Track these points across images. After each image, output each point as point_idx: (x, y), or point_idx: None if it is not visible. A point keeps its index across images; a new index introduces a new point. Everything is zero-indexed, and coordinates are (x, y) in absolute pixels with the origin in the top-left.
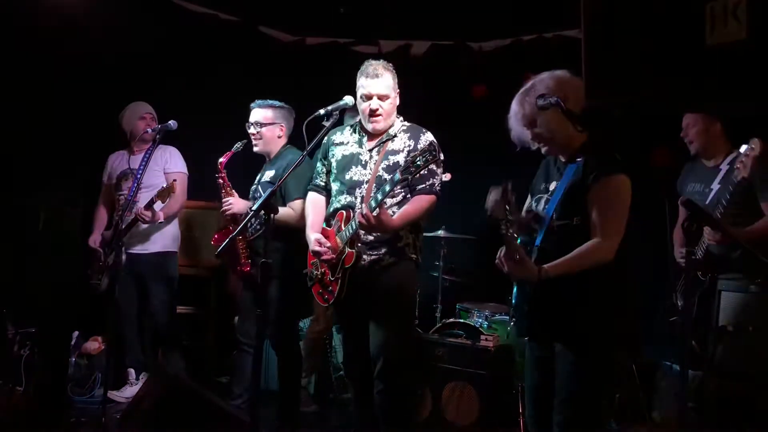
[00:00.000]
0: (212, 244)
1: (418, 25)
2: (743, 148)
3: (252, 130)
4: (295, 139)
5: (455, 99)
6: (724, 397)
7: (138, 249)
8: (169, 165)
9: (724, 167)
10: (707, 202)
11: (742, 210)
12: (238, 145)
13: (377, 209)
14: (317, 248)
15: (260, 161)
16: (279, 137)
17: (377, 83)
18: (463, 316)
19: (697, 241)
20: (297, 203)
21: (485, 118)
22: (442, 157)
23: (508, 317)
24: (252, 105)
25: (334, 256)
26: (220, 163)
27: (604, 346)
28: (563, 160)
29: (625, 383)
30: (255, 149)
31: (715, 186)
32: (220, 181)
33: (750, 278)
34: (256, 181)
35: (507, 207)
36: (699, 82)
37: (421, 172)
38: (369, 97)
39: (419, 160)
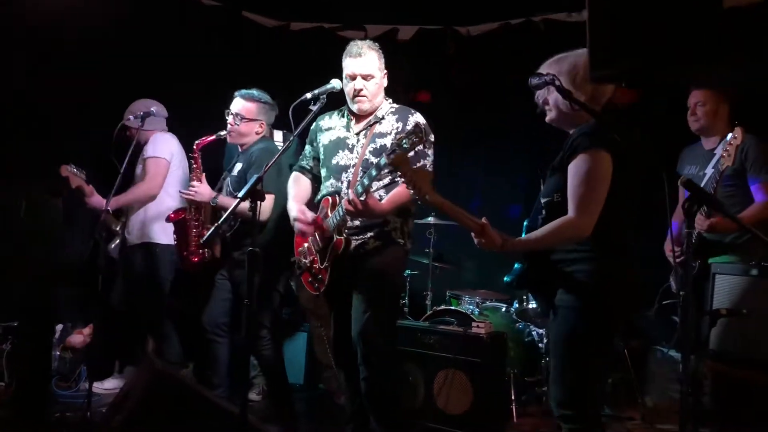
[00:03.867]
0: (166, 221)
1: (405, 10)
2: (728, 137)
3: (230, 119)
4: (276, 123)
5: (443, 83)
6: (718, 381)
7: (130, 239)
8: (144, 150)
9: (719, 152)
10: (702, 185)
11: (735, 192)
12: (221, 134)
13: (364, 194)
14: (299, 216)
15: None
16: (257, 133)
17: (361, 62)
18: (454, 303)
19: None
20: (267, 197)
21: (474, 102)
22: (432, 138)
23: (499, 303)
24: (236, 93)
25: (312, 226)
26: (197, 144)
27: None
28: None
29: (618, 368)
30: (228, 139)
31: (709, 170)
32: (192, 163)
33: (744, 261)
34: (226, 172)
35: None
36: (716, 44)
37: (410, 155)
38: (353, 77)
39: (405, 143)
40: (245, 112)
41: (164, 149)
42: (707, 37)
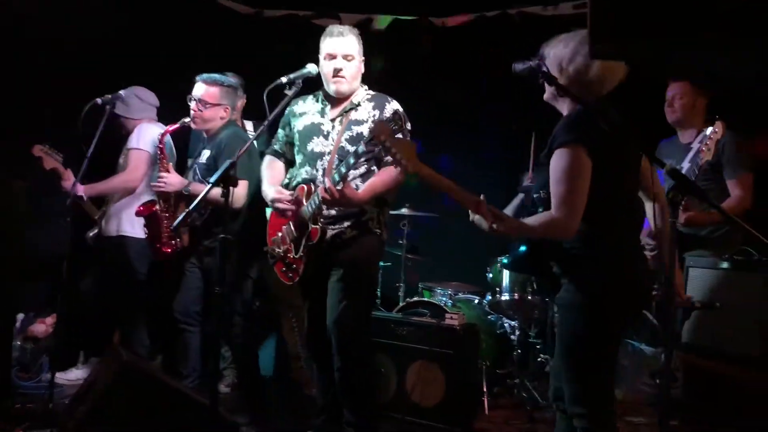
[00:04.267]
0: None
1: None
2: (708, 131)
3: (193, 105)
4: (251, 114)
5: (418, 74)
6: (691, 373)
7: (105, 229)
8: (129, 140)
9: (696, 145)
10: None
11: (711, 186)
12: (185, 121)
13: (341, 183)
14: (278, 195)
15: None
16: (221, 118)
17: (342, 42)
18: (427, 295)
19: (679, 211)
20: (240, 183)
21: (449, 93)
22: (409, 126)
23: (472, 295)
24: (198, 78)
25: (293, 207)
26: (161, 134)
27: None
28: None
29: None
30: (193, 126)
31: (686, 164)
32: (159, 153)
33: (717, 255)
34: (192, 160)
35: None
36: (713, 28)
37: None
38: (333, 57)
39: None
40: (208, 97)
41: (147, 141)
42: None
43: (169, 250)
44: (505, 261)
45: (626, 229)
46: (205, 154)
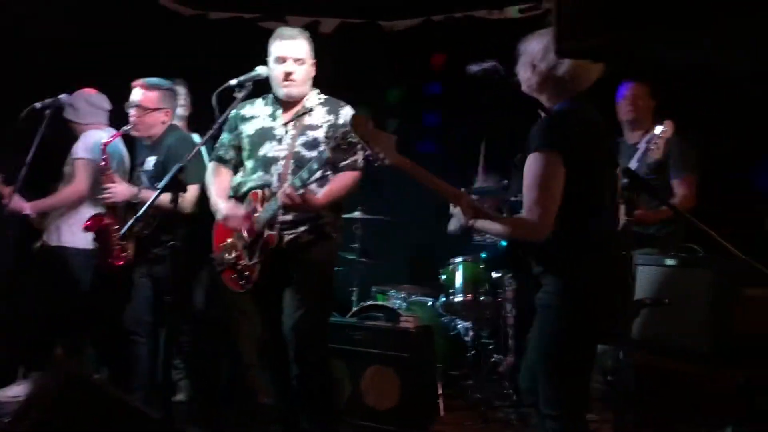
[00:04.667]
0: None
1: (327, 2)
2: (657, 130)
3: (132, 111)
4: (197, 117)
5: (366, 77)
6: (641, 369)
7: (48, 240)
8: (74, 148)
9: (642, 145)
10: None
11: (659, 184)
12: (125, 129)
13: (302, 188)
14: (232, 212)
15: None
16: (163, 122)
17: (292, 45)
18: (380, 299)
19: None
20: (190, 188)
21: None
22: None
23: (425, 297)
24: (134, 83)
25: (244, 225)
26: (103, 144)
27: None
28: None
29: None
30: (133, 133)
31: (634, 164)
32: (102, 163)
33: (664, 253)
34: (137, 168)
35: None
36: (680, 23)
37: (344, 148)
38: (283, 60)
39: (351, 137)
40: (147, 101)
41: (93, 149)
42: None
43: (121, 263)
44: (484, 255)
45: (605, 230)
46: (151, 161)
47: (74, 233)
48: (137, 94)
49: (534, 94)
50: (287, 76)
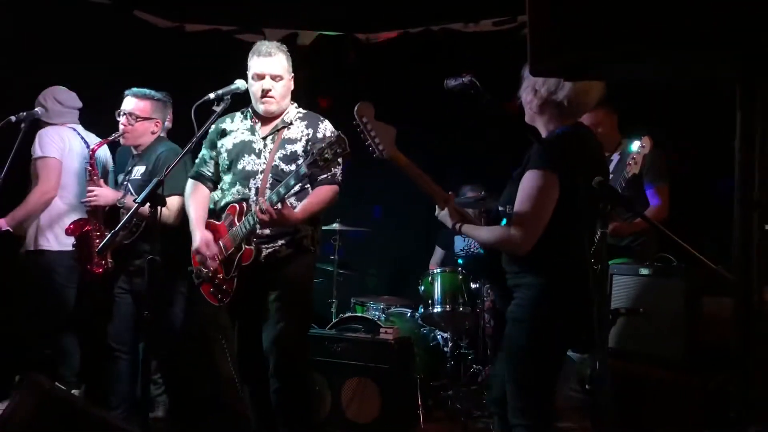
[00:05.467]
0: (66, 233)
1: (305, 15)
2: (635, 146)
3: (123, 120)
4: (175, 130)
5: (344, 91)
6: (618, 378)
7: (26, 245)
8: (33, 148)
9: (615, 157)
10: None
11: (634, 197)
12: (115, 135)
13: (279, 203)
14: (204, 251)
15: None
16: (152, 132)
17: (270, 62)
18: (359, 310)
19: (608, 222)
20: (173, 200)
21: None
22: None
23: (404, 309)
24: (127, 92)
25: (217, 263)
26: (92, 149)
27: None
28: None
29: None
30: (122, 141)
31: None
32: (88, 168)
33: (639, 262)
34: (123, 177)
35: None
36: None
37: (321, 163)
38: (261, 77)
39: (327, 154)
40: (138, 110)
41: (51, 147)
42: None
43: (100, 270)
44: (461, 261)
45: (583, 250)
46: (139, 170)
47: (57, 236)
48: (129, 103)
49: (536, 116)
50: (265, 93)
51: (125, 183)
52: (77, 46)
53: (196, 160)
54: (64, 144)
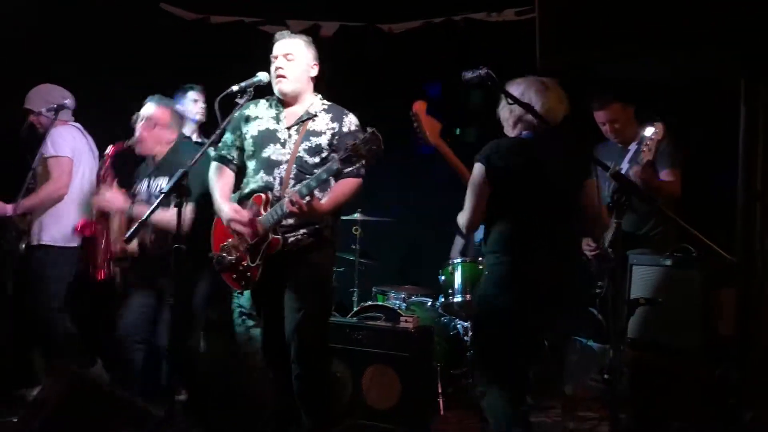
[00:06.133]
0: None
1: (328, 6)
2: (648, 132)
3: (141, 125)
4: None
5: (366, 81)
6: (637, 368)
7: (31, 239)
8: (43, 147)
9: (633, 147)
10: None
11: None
12: (130, 141)
13: (308, 196)
14: (236, 216)
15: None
16: (167, 142)
17: (283, 43)
18: (381, 299)
19: (625, 213)
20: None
21: (396, 100)
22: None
23: (425, 298)
24: (149, 98)
25: (250, 230)
26: (109, 151)
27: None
28: None
29: (538, 359)
30: (137, 149)
31: (625, 165)
32: (103, 172)
33: (659, 253)
34: (144, 186)
35: None
36: (662, 39)
37: (344, 156)
38: (276, 58)
39: (362, 150)
40: (159, 118)
41: (64, 146)
42: (654, 33)
43: (102, 276)
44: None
45: (531, 237)
46: (162, 182)
47: (57, 231)
48: (149, 108)
49: (510, 130)
50: (277, 71)
51: (148, 191)
52: (103, 39)
53: (219, 144)
54: (75, 143)
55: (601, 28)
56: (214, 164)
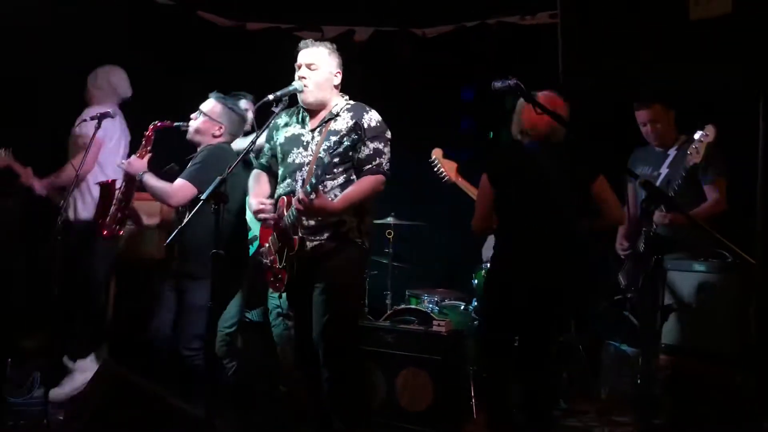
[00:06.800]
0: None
1: (361, 11)
2: (698, 135)
3: (194, 115)
4: None
5: (399, 85)
6: (670, 372)
7: (68, 215)
8: (78, 125)
9: (672, 152)
10: (657, 185)
11: (686, 191)
12: (180, 124)
13: (313, 193)
14: (260, 206)
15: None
16: (214, 136)
17: (306, 52)
18: (414, 302)
19: (651, 219)
20: (186, 187)
21: (429, 103)
22: (389, 135)
23: (458, 302)
24: (211, 93)
25: (275, 216)
26: (154, 124)
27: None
28: None
29: (572, 363)
30: (187, 135)
31: (664, 170)
32: (143, 140)
33: (694, 258)
34: None
35: None
36: (682, 57)
37: (366, 153)
38: (299, 67)
39: (346, 141)
40: (209, 110)
41: (104, 131)
42: (676, 46)
43: (107, 233)
44: None
45: (520, 241)
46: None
47: (87, 209)
48: (207, 103)
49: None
50: (300, 80)
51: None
52: (142, 46)
53: (260, 153)
54: (109, 131)
55: (623, 43)
56: (254, 172)
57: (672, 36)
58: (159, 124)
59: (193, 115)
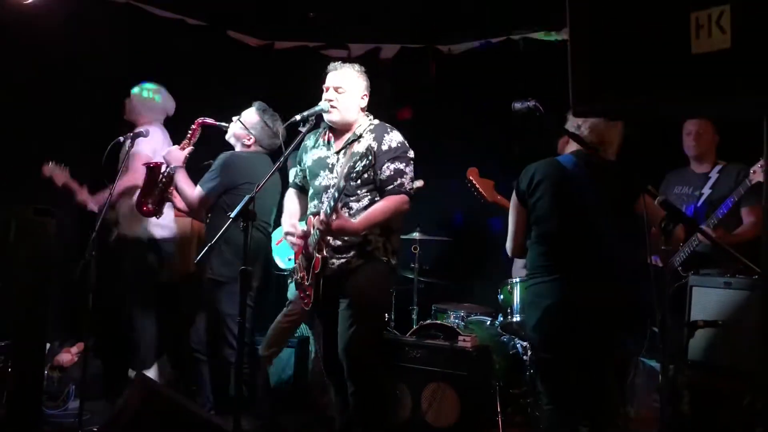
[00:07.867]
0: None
1: (388, 29)
2: (761, 162)
3: (234, 118)
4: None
5: (425, 102)
6: (696, 389)
7: (122, 231)
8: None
9: (714, 175)
10: (698, 205)
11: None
12: (223, 124)
13: (333, 214)
14: (290, 229)
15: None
16: (245, 144)
17: (334, 75)
18: (440, 317)
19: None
20: (197, 190)
21: (456, 120)
22: (411, 154)
23: (484, 317)
24: (255, 103)
25: (301, 240)
26: (201, 119)
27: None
28: None
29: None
30: (226, 136)
31: (706, 191)
32: (189, 132)
33: (720, 275)
34: None
35: None
36: (686, 89)
37: (387, 173)
38: (327, 89)
39: (359, 165)
40: (246, 120)
41: (146, 146)
42: (679, 80)
43: (146, 210)
44: None
45: (562, 259)
46: None
47: (156, 223)
48: (248, 111)
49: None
50: (327, 102)
51: None
52: (173, 66)
53: (294, 173)
54: (156, 145)
55: (628, 78)
56: (289, 190)
57: (675, 70)
58: (206, 121)
59: (234, 119)
